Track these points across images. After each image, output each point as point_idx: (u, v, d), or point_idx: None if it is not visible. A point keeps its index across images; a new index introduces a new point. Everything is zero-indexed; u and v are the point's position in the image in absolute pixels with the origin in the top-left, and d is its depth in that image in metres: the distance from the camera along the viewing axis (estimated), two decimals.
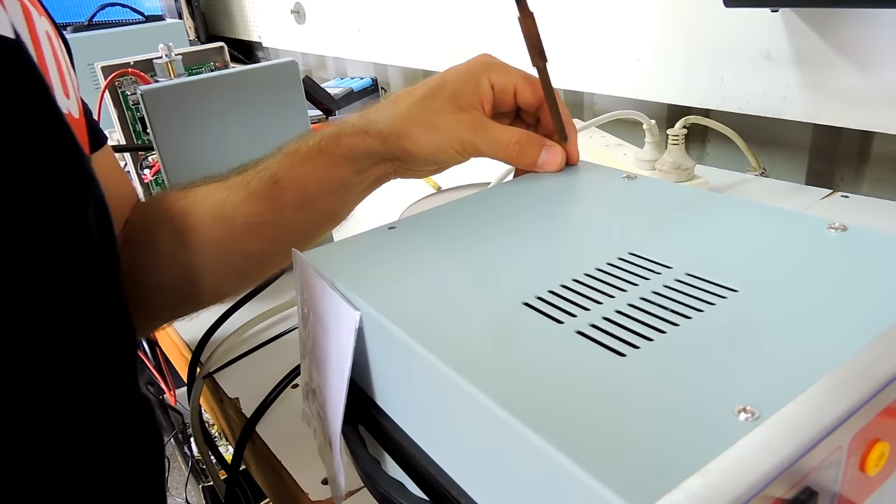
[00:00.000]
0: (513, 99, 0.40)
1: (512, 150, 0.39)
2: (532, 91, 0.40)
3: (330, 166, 0.42)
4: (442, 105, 0.39)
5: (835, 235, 0.28)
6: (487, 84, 0.39)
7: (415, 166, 0.42)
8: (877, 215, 0.62)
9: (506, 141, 0.39)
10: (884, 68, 0.60)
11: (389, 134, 0.40)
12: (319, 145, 0.42)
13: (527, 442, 0.19)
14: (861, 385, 0.19)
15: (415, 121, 0.39)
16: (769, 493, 0.17)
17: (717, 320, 0.24)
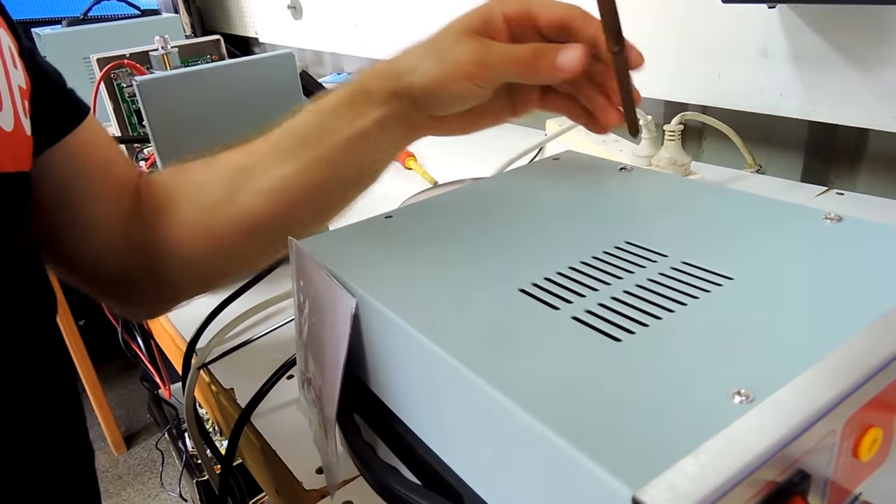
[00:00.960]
0: (533, 27, 0.37)
1: (526, 61, 0.35)
2: (550, 11, 0.36)
3: (354, 116, 0.40)
4: (451, 38, 0.38)
5: (830, 226, 0.28)
6: (500, 16, 0.37)
7: (434, 107, 0.39)
8: (871, 212, 0.62)
9: (517, 54, 0.36)
10: (880, 66, 0.60)
11: (403, 72, 0.39)
12: (344, 96, 0.41)
13: (522, 424, 0.19)
14: (854, 370, 0.19)
15: (424, 55, 0.38)
16: (762, 475, 0.17)
17: (712, 307, 0.24)
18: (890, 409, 0.21)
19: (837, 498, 0.21)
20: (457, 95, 0.38)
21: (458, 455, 0.25)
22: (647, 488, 0.16)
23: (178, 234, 0.44)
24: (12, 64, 0.36)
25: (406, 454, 0.28)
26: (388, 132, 0.41)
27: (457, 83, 0.37)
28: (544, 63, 0.35)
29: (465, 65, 0.36)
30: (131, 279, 0.45)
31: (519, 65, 0.36)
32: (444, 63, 0.37)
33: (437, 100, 0.38)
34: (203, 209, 0.43)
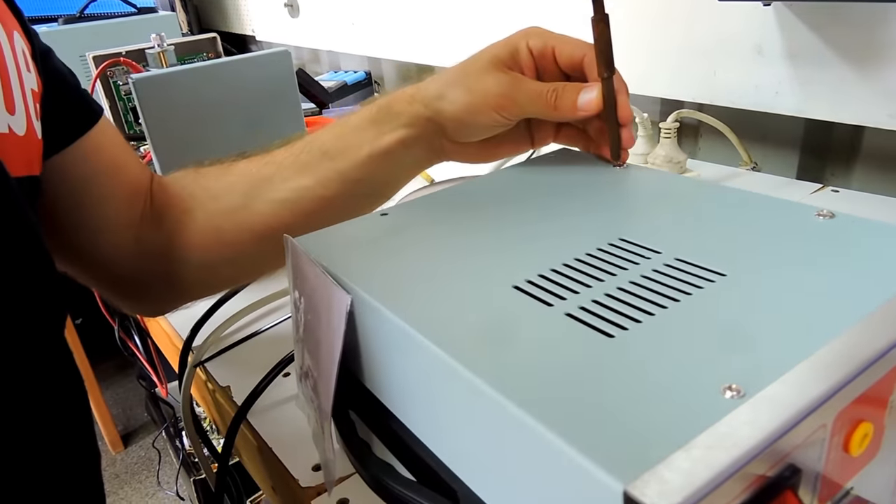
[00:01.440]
0: (554, 63, 0.39)
1: (549, 99, 0.37)
2: (570, 49, 0.38)
3: (378, 135, 0.41)
4: (480, 67, 0.39)
5: (822, 222, 0.29)
6: (526, 49, 0.39)
7: (459, 135, 0.41)
8: (866, 209, 0.63)
9: (541, 91, 0.38)
10: (875, 63, 0.60)
11: (432, 97, 0.40)
12: (369, 114, 0.42)
13: (514, 419, 0.19)
14: (845, 365, 0.19)
15: (454, 83, 0.39)
16: (752, 469, 0.17)
17: (704, 303, 0.24)
18: (880, 404, 0.21)
19: (828, 492, 0.21)
20: (481, 125, 0.39)
21: (453, 451, 0.25)
22: (638, 483, 0.16)
23: (191, 238, 0.44)
24: (25, 67, 0.36)
25: (401, 451, 0.28)
26: (411, 153, 0.42)
27: (483, 113, 0.38)
28: (566, 102, 0.37)
29: (493, 97, 0.38)
30: (142, 279, 0.46)
31: (543, 102, 0.38)
32: (472, 92, 0.38)
33: (462, 126, 0.40)
34: (218, 215, 0.44)
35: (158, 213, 0.45)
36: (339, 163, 0.42)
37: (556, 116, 0.39)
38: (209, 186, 0.44)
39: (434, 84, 0.40)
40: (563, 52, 0.39)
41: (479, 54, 0.40)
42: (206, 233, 0.44)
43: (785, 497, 0.18)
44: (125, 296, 0.48)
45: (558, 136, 0.42)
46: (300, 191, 0.42)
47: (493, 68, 0.38)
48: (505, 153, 0.43)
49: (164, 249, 0.44)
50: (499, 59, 0.39)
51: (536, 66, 0.39)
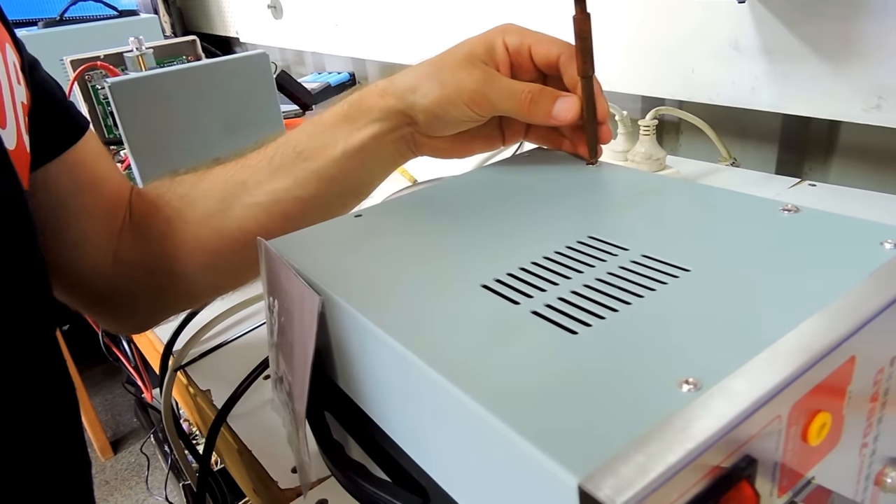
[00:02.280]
0: (530, 60, 0.39)
1: (524, 101, 0.37)
2: (547, 48, 0.38)
3: (351, 131, 0.41)
4: (455, 62, 0.39)
5: (787, 217, 0.29)
6: (502, 45, 0.39)
7: (431, 128, 0.40)
8: (842, 203, 0.63)
9: (516, 91, 0.37)
10: (848, 58, 0.61)
11: (404, 90, 0.40)
12: (341, 110, 0.42)
13: (474, 414, 0.19)
14: (798, 357, 0.20)
15: (428, 76, 0.39)
16: (706, 460, 0.17)
17: (667, 298, 0.24)
18: (837, 394, 0.21)
19: (789, 482, 0.21)
20: (453, 119, 0.39)
21: (421, 449, 0.25)
22: (593, 476, 0.16)
23: (169, 248, 0.44)
24: (16, 80, 0.36)
25: (375, 450, 0.29)
26: (385, 148, 0.42)
27: (455, 108, 0.38)
28: (541, 108, 0.37)
29: (466, 92, 0.38)
30: (123, 295, 0.45)
31: (517, 103, 0.37)
32: (445, 86, 0.38)
33: (434, 120, 0.40)
34: (195, 222, 0.43)
35: (137, 225, 0.45)
36: (313, 162, 0.42)
37: (528, 119, 0.39)
38: (185, 194, 0.44)
39: (407, 77, 0.40)
40: (539, 51, 0.38)
41: (455, 49, 0.39)
42: (184, 241, 0.43)
43: (740, 487, 0.18)
44: (107, 314, 0.48)
45: (528, 133, 0.43)
46: (276, 193, 0.42)
47: (467, 63, 0.38)
48: (477, 149, 0.43)
49: (144, 261, 0.44)
50: (474, 54, 0.38)
51: (512, 63, 0.39)
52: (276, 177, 0.42)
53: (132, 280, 0.44)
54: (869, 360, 0.22)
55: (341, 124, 0.42)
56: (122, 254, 0.44)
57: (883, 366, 0.23)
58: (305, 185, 0.42)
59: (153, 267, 0.44)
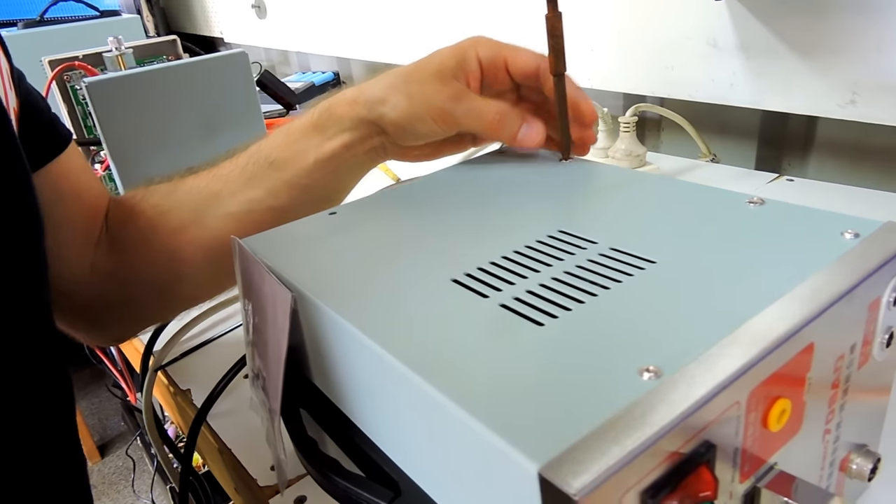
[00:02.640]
0: (505, 72, 0.39)
1: (491, 122, 0.37)
2: (524, 60, 0.38)
3: (322, 141, 0.41)
4: (425, 77, 0.39)
5: (753, 209, 0.29)
6: (475, 59, 0.39)
7: (400, 138, 0.41)
8: (819, 197, 0.64)
9: (483, 111, 0.38)
10: (823, 54, 0.61)
11: (374, 101, 0.40)
12: (311, 119, 0.42)
13: (437, 404, 0.20)
14: (756, 345, 0.20)
15: (397, 89, 0.39)
16: (664, 446, 0.18)
17: (633, 290, 0.24)
18: (797, 381, 0.22)
19: (751, 468, 0.22)
20: (421, 132, 0.40)
21: (392, 442, 0.25)
22: (552, 463, 0.17)
23: (143, 258, 0.43)
24: (10, 85, 0.36)
25: (348, 446, 0.29)
26: (355, 156, 0.42)
27: (423, 123, 0.39)
28: (507, 132, 0.38)
29: (433, 108, 0.38)
30: (98, 306, 0.45)
31: (485, 126, 0.38)
32: (413, 100, 0.38)
33: (403, 132, 0.40)
34: (168, 233, 0.43)
35: (112, 235, 0.44)
36: (286, 172, 0.42)
37: (494, 139, 0.39)
38: (158, 204, 0.44)
39: (377, 87, 0.40)
40: (515, 63, 0.39)
41: (426, 61, 0.39)
42: (158, 252, 0.43)
43: (700, 472, 0.19)
44: (85, 327, 0.47)
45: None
46: (250, 203, 0.42)
47: (437, 78, 0.38)
48: (447, 153, 0.43)
49: (119, 272, 0.44)
50: (445, 67, 0.38)
51: (485, 76, 0.39)
52: (249, 187, 0.42)
53: (108, 291, 0.44)
54: (828, 347, 0.23)
55: (312, 134, 0.42)
56: (99, 265, 0.44)
57: (843, 353, 0.24)
58: (278, 194, 0.42)
59: (128, 277, 0.44)
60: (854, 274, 0.23)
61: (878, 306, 0.25)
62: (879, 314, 0.25)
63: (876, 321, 0.25)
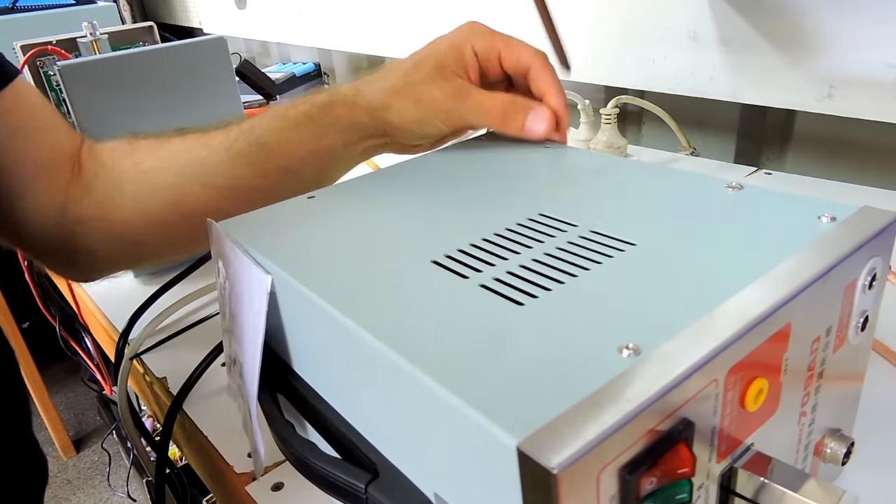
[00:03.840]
0: (499, 65, 0.39)
1: (496, 117, 0.38)
2: (517, 56, 0.38)
3: (319, 135, 0.41)
4: (426, 76, 0.38)
5: (731, 194, 0.30)
6: (471, 52, 0.38)
7: (404, 139, 0.41)
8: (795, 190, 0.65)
9: (489, 107, 0.38)
10: (801, 49, 0.62)
11: (376, 107, 0.39)
12: (310, 112, 0.41)
13: (416, 381, 0.20)
14: (734, 324, 0.20)
15: (400, 93, 0.39)
16: (643, 422, 0.18)
17: (613, 271, 0.24)
18: (773, 362, 0.22)
19: (728, 447, 0.22)
20: (429, 134, 0.40)
21: (369, 424, 0.25)
22: (531, 438, 0.17)
23: (118, 213, 0.43)
24: None
25: (325, 429, 0.28)
26: (351, 153, 0.42)
27: (431, 125, 0.39)
28: (513, 123, 0.38)
29: (441, 110, 0.38)
30: (68, 249, 0.44)
31: (491, 121, 0.38)
32: (419, 104, 0.38)
33: (410, 134, 0.40)
34: (148, 192, 0.42)
35: (87, 182, 0.43)
36: (276, 157, 0.41)
37: (502, 132, 0.39)
38: (141, 161, 0.43)
39: (377, 91, 0.40)
40: (509, 58, 0.38)
41: (424, 60, 0.39)
42: (134, 209, 0.42)
43: (678, 449, 0.19)
44: (52, 262, 0.47)
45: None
46: (236, 179, 0.42)
47: (438, 77, 0.38)
48: (450, 140, 0.43)
49: (92, 221, 0.43)
50: (444, 65, 0.38)
51: (480, 68, 0.39)
52: (237, 163, 0.42)
53: (78, 235, 0.43)
54: (804, 328, 0.23)
55: (307, 126, 0.41)
56: (68, 211, 0.43)
57: (819, 335, 0.24)
58: (266, 175, 0.42)
59: (100, 227, 0.43)
60: (830, 256, 0.23)
61: (853, 289, 0.25)
62: (855, 297, 0.25)
63: (852, 304, 0.25)
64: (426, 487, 0.22)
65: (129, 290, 0.59)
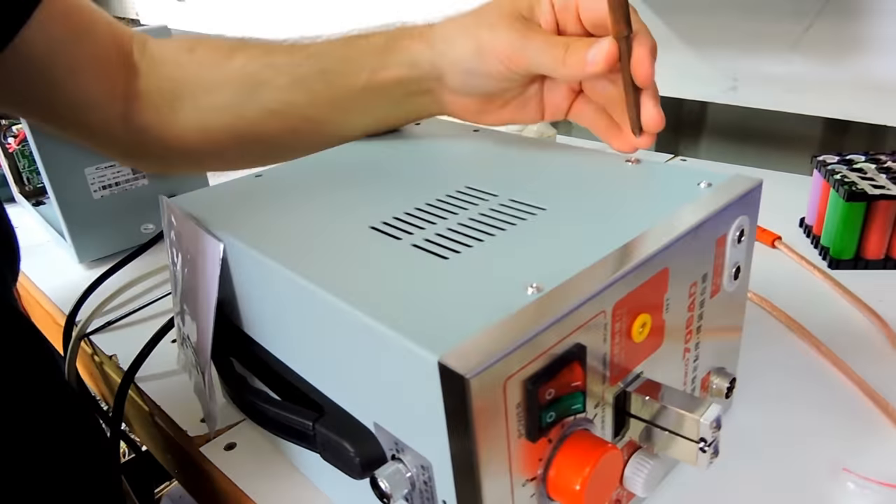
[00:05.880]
0: (577, 18, 0.36)
1: (559, 52, 0.34)
2: (599, 5, 0.34)
3: (379, 67, 0.40)
4: (496, 14, 0.36)
5: (630, 167, 0.34)
6: (548, 1, 0.36)
7: (459, 82, 0.38)
8: None
9: (553, 43, 0.35)
10: (709, 45, 0.68)
11: (439, 40, 0.38)
12: (378, 41, 0.40)
13: (353, 319, 0.23)
14: (618, 266, 0.24)
15: (465, 27, 0.37)
16: (541, 342, 0.22)
17: (525, 230, 0.28)
18: (656, 299, 0.26)
19: (620, 373, 0.26)
20: (484, 74, 0.37)
21: (313, 368, 0.28)
22: (449, 354, 0.20)
23: (177, 127, 0.44)
24: None
25: (273, 381, 0.31)
26: (404, 94, 0.40)
27: (487, 62, 0.36)
28: (575, 57, 0.34)
29: (501, 45, 0.36)
30: (135, 150, 0.46)
31: (552, 56, 0.35)
32: (480, 38, 0.36)
33: (464, 74, 0.38)
34: (208, 110, 0.43)
35: (149, 91, 0.43)
36: (334, 87, 0.41)
37: (565, 73, 0.35)
38: (203, 77, 0.43)
39: (445, 26, 0.39)
40: (586, 7, 0.35)
41: (499, 3, 0.37)
42: (193, 126, 0.43)
43: (573, 367, 0.23)
44: (125, 158, 0.49)
45: (573, 108, 0.40)
46: (291, 105, 0.42)
47: (508, 16, 0.36)
48: (509, 117, 0.40)
49: (153, 131, 0.44)
50: (517, 8, 0.36)
51: (557, 21, 0.36)
52: (296, 88, 0.41)
53: (143, 143, 0.45)
54: (681, 273, 0.27)
55: (373, 55, 0.40)
56: (131, 119, 0.43)
57: (695, 280, 0.29)
58: (317, 106, 0.42)
59: (161, 138, 0.44)
60: (702, 213, 0.28)
61: (724, 242, 0.30)
62: (726, 249, 0.30)
63: (724, 255, 0.30)
64: (366, 419, 0.26)
65: (75, 277, 0.60)
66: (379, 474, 0.24)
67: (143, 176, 0.61)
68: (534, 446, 0.23)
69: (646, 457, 0.28)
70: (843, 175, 0.50)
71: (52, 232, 0.66)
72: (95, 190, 0.59)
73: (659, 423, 0.26)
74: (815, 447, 0.34)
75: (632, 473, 0.28)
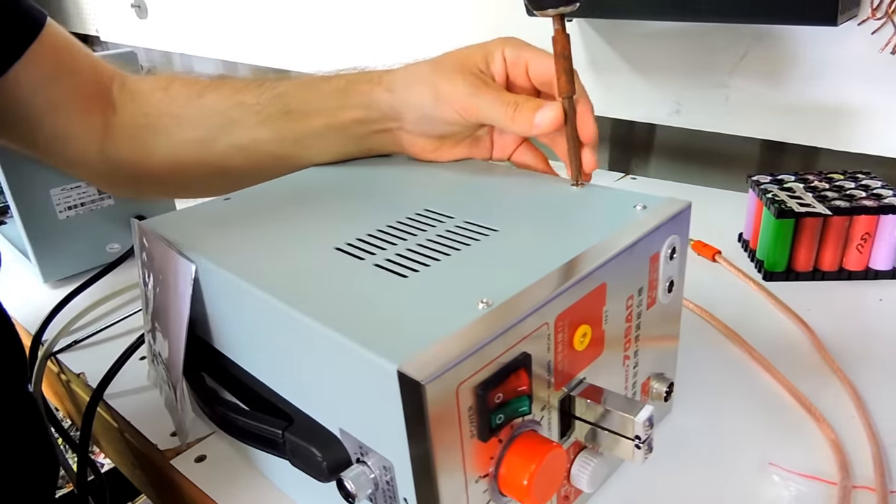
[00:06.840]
0: (525, 74, 0.40)
1: (508, 109, 0.38)
2: (544, 65, 0.38)
3: (340, 108, 0.43)
4: (452, 68, 0.40)
5: (576, 190, 0.37)
6: (500, 56, 0.40)
7: (417, 125, 0.42)
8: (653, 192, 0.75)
9: (503, 100, 0.38)
10: (655, 71, 0.73)
11: (398, 86, 0.41)
12: (338, 84, 0.43)
13: (319, 333, 0.25)
14: (559, 281, 0.27)
15: (421, 76, 0.40)
16: (489, 352, 0.24)
17: (479, 250, 0.31)
18: (595, 312, 0.29)
19: (564, 379, 0.29)
20: (441, 119, 0.40)
21: (281, 380, 0.30)
22: (406, 364, 0.23)
23: (152, 160, 0.47)
24: None
25: (244, 393, 0.33)
26: (364, 133, 0.43)
27: (444, 110, 0.40)
28: (523, 117, 0.38)
29: (458, 96, 0.39)
30: (111, 181, 0.50)
31: (502, 112, 0.38)
32: (438, 88, 0.39)
33: (422, 119, 0.41)
34: (181, 144, 0.46)
35: (122, 124, 0.46)
36: (297, 126, 0.44)
37: (512, 129, 0.39)
38: (177, 114, 0.46)
39: (402, 74, 0.42)
40: (535, 67, 0.39)
41: (454, 53, 0.41)
42: (165, 159, 0.46)
43: (519, 373, 0.25)
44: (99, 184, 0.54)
45: (516, 154, 0.44)
46: (257, 142, 0.45)
47: (465, 69, 0.39)
48: (461, 154, 0.44)
49: (128, 162, 0.47)
50: (472, 61, 0.40)
51: (507, 76, 0.40)
52: (263, 127, 0.44)
53: (117, 173, 0.48)
54: (618, 287, 0.30)
55: (333, 97, 0.43)
56: (107, 151, 0.46)
57: (632, 294, 0.32)
58: (283, 143, 0.45)
59: (137, 170, 0.47)
60: (637, 232, 0.31)
61: (658, 259, 0.33)
62: (660, 265, 0.33)
63: (658, 270, 0.33)
64: (332, 425, 0.28)
65: (40, 296, 0.61)
66: (345, 476, 0.26)
67: (109, 196, 0.62)
68: (485, 446, 0.25)
69: (591, 455, 0.31)
70: (773, 194, 0.54)
71: (14, 252, 0.66)
72: (61, 210, 0.60)
73: (601, 425, 0.29)
74: (746, 444, 0.37)
75: (578, 471, 0.30)
